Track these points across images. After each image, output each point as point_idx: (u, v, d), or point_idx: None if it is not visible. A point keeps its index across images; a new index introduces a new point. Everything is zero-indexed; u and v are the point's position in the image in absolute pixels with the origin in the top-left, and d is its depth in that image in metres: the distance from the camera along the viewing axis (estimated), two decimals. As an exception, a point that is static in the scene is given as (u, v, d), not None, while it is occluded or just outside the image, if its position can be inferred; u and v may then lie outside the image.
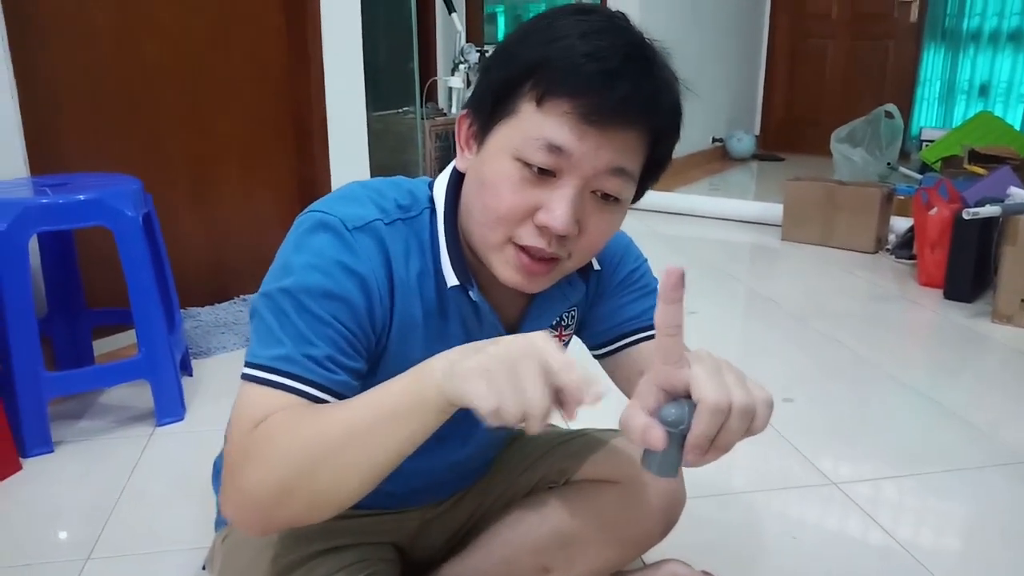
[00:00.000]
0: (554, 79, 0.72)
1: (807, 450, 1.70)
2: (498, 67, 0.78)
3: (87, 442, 1.74)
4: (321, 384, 0.75)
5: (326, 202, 0.83)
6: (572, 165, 0.74)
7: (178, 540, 1.38)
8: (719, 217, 4.00)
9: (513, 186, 0.76)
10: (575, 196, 0.75)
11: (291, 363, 0.74)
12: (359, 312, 0.79)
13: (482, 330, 0.90)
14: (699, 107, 5.47)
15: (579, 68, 0.72)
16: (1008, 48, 5.47)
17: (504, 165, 0.76)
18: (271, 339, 0.76)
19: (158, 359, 1.76)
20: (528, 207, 0.76)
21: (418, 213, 0.86)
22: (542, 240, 0.77)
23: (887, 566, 1.33)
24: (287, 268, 0.78)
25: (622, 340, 1.00)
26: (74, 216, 1.66)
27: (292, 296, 0.76)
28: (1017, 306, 2.46)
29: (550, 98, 0.73)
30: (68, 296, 1.98)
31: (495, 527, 1.09)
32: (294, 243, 0.80)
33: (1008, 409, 1.94)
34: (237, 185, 2.61)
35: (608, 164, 0.75)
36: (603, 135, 0.74)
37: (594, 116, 0.72)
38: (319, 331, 0.76)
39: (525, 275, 0.80)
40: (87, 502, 1.51)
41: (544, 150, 0.73)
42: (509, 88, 0.75)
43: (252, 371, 0.76)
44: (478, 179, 0.79)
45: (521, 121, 0.75)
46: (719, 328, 2.55)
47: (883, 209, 3.37)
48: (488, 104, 0.78)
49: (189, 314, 2.40)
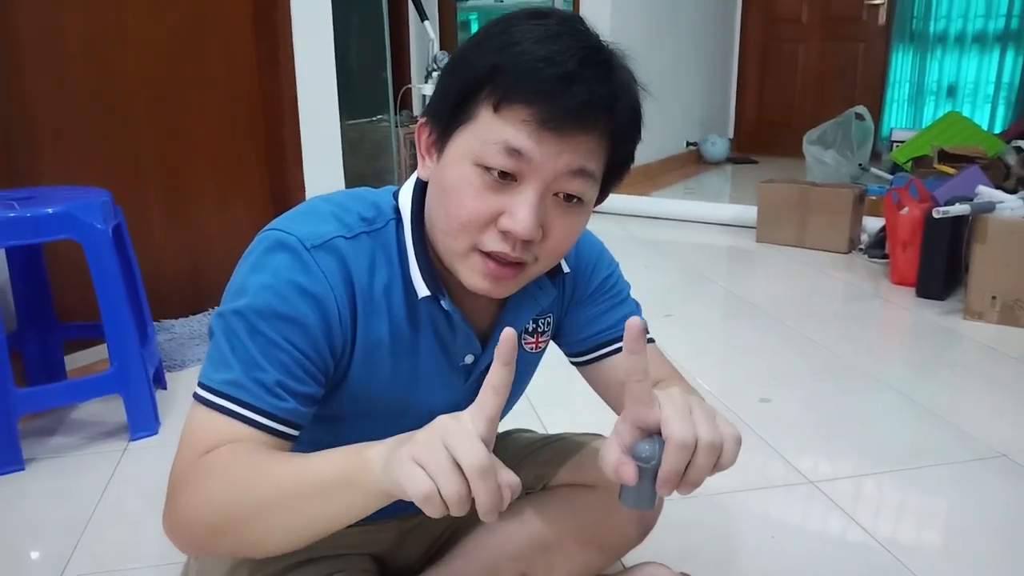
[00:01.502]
0: (510, 85, 0.72)
1: (785, 450, 1.71)
2: (455, 74, 0.77)
3: (59, 459, 1.71)
4: (268, 412, 0.75)
5: (286, 219, 0.82)
6: (532, 169, 0.74)
7: (153, 556, 1.36)
8: (694, 220, 4.03)
9: (475, 192, 0.75)
10: (537, 200, 0.75)
11: (239, 389, 0.74)
12: (314, 334, 0.77)
13: (455, 340, 0.89)
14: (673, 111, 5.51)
15: (535, 74, 0.71)
16: (974, 49, 5.56)
17: (465, 171, 0.75)
18: (221, 361, 0.76)
19: (130, 373, 1.73)
20: (490, 213, 0.75)
21: (383, 225, 0.84)
22: (506, 245, 0.76)
23: (867, 564, 1.34)
24: (243, 289, 0.77)
25: (599, 350, 1.01)
26: (42, 230, 1.64)
27: (244, 318, 0.76)
28: (988, 303, 2.49)
29: (507, 104, 0.72)
30: (38, 310, 1.95)
31: (474, 535, 1.08)
32: (251, 263, 0.79)
33: (983, 404, 1.97)
34: (211, 196, 2.58)
35: (568, 166, 0.75)
36: (562, 139, 0.73)
37: (551, 122, 0.72)
38: (270, 355, 0.75)
39: (491, 281, 0.79)
40: (60, 520, 1.48)
41: (503, 153, 0.73)
42: (466, 94, 0.75)
43: (202, 392, 0.76)
44: (439, 187, 0.78)
45: (479, 127, 0.74)
46: (697, 330, 2.56)
47: (855, 210, 3.40)
48: (446, 111, 0.77)
49: (163, 327, 2.37)
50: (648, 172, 5.11)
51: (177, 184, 2.47)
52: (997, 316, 2.48)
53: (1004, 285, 2.46)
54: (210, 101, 2.55)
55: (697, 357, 2.28)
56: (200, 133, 2.53)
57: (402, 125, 3.95)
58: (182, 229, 2.50)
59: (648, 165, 5.15)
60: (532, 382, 1.06)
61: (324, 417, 0.86)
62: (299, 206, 0.85)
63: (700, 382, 2.07)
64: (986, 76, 5.55)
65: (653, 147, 5.25)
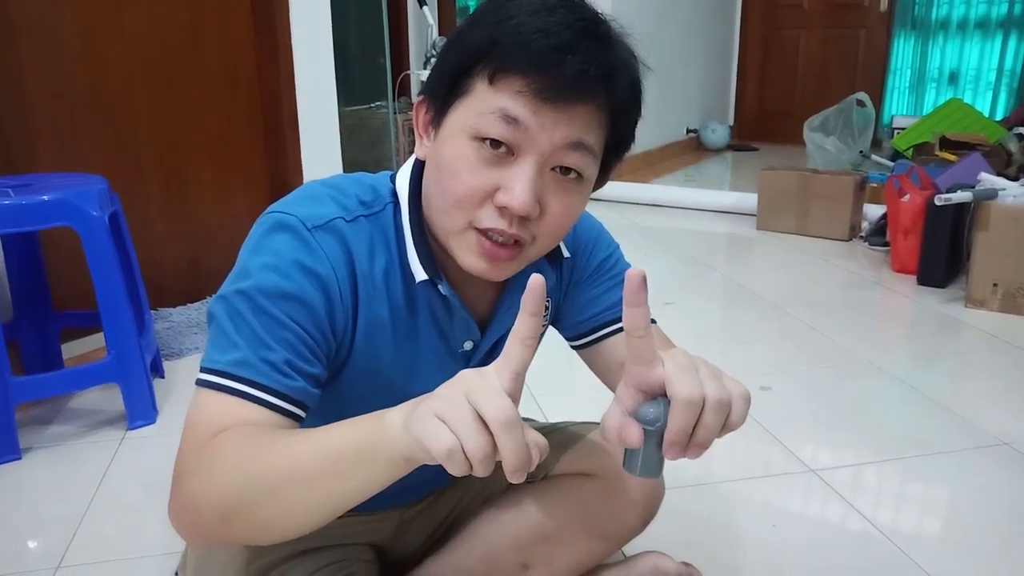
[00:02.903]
0: (506, 57, 0.71)
1: (786, 438, 1.70)
2: (451, 51, 0.77)
3: (57, 448, 1.70)
4: (278, 391, 0.73)
5: (286, 202, 0.81)
6: (529, 140, 0.73)
7: (151, 545, 1.35)
8: (695, 208, 4.01)
9: (471, 167, 0.74)
10: (534, 173, 0.73)
11: (248, 368, 0.72)
12: (318, 314, 0.76)
13: (453, 325, 0.88)
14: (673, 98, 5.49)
15: (530, 45, 0.70)
16: (976, 36, 5.53)
17: (461, 146, 0.74)
18: (227, 343, 0.73)
19: (128, 361, 1.72)
20: (487, 187, 0.74)
21: (381, 208, 0.83)
22: (503, 221, 0.75)
23: (868, 552, 1.34)
24: (245, 270, 0.76)
25: (599, 331, 0.99)
26: (38, 217, 1.62)
27: (249, 298, 0.74)
28: (989, 291, 2.48)
29: (502, 75, 0.72)
30: (35, 299, 1.94)
31: (474, 525, 1.08)
32: (253, 245, 0.78)
33: (984, 393, 1.96)
34: (209, 184, 2.57)
35: (565, 138, 0.73)
36: (558, 110, 0.72)
37: (547, 92, 0.71)
38: (276, 334, 0.73)
39: (488, 261, 0.77)
40: (57, 509, 1.48)
41: (500, 121, 0.72)
42: (463, 70, 0.74)
43: (208, 376, 0.73)
44: (436, 163, 0.77)
45: (475, 99, 0.73)
46: (697, 318, 2.55)
47: (856, 197, 3.39)
48: (443, 87, 0.76)
49: (160, 315, 2.36)
50: (648, 159, 5.10)
51: (175, 172, 2.46)
52: (999, 304, 2.48)
53: (1006, 273, 2.45)
54: (208, 89, 2.53)
55: (697, 345, 2.27)
56: (198, 121, 2.51)
57: (400, 112, 3.93)
58: (180, 217, 2.48)
59: (648, 152, 5.13)
60: (532, 371, 1.05)
61: (326, 402, 0.85)
62: (297, 190, 0.84)
63: (700, 370, 2.07)
64: (988, 63, 5.53)
65: (653, 134, 5.23)
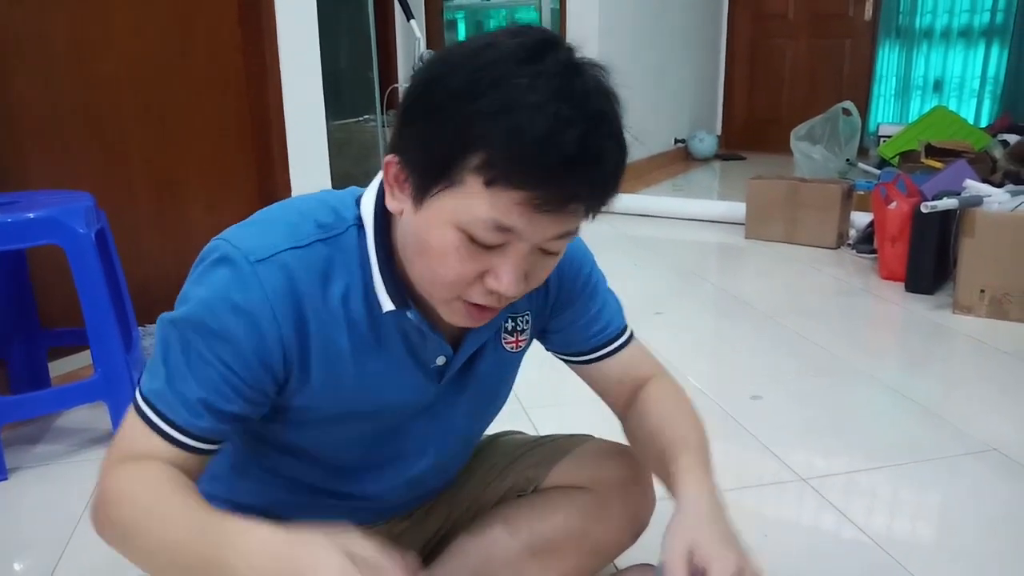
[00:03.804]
0: (506, 167, 0.67)
1: (776, 447, 1.70)
2: (438, 123, 0.70)
3: (45, 467, 1.69)
4: (183, 428, 0.77)
5: (238, 229, 0.80)
6: (521, 239, 0.72)
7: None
8: (683, 217, 4.02)
9: (460, 256, 0.73)
10: (522, 263, 0.74)
11: (161, 400, 0.77)
12: (244, 353, 0.76)
13: (426, 346, 0.87)
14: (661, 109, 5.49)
15: (534, 160, 0.66)
16: (959, 44, 5.58)
17: (449, 236, 0.72)
18: (155, 369, 0.78)
19: (115, 379, 1.71)
20: (476, 273, 0.74)
21: (343, 231, 0.81)
22: (491, 298, 0.77)
23: (859, 560, 1.33)
24: (184, 299, 0.78)
25: (596, 352, 1.02)
26: (24, 235, 1.61)
27: (179, 330, 0.77)
28: (977, 297, 2.50)
29: (501, 186, 0.68)
30: (22, 317, 1.93)
31: (465, 540, 1.07)
32: (196, 275, 0.79)
33: (974, 398, 1.97)
34: (197, 200, 2.56)
35: (556, 234, 0.74)
36: (554, 217, 0.71)
37: (547, 207, 0.69)
38: (198, 370, 0.76)
39: (472, 321, 0.80)
40: (45, 530, 1.46)
41: (494, 231, 0.71)
42: (453, 156, 0.69)
43: (136, 396, 0.79)
44: (420, 243, 0.75)
45: (468, 197, 0.70)
46: (687, 328, 2.55)
47: (844, 205, 3.41)
48: (427, 167, 0.72)
49: (148, 332, 2.34)
50: (637, 170, 5.11)
51: (164, 187, 2.45)
52: (986, 310, 2.49)
53: (992, 279, 2.47)
54: (196, 103, 2.52)
55: (688, 355, 2.28)
56: (186, 136, 2.50)
57: (389, 125, 3.93)
58: (169, 233, 2.47)
59: (637, 163, 5.15)
60: (522, 383, 1.05)
61: (296, 423, 0.86)
62: (257, 213, 0.83)
63: (691, 380, 2.07)
64: (972, 71, 5.57)
65: (641, 145, 5.24)
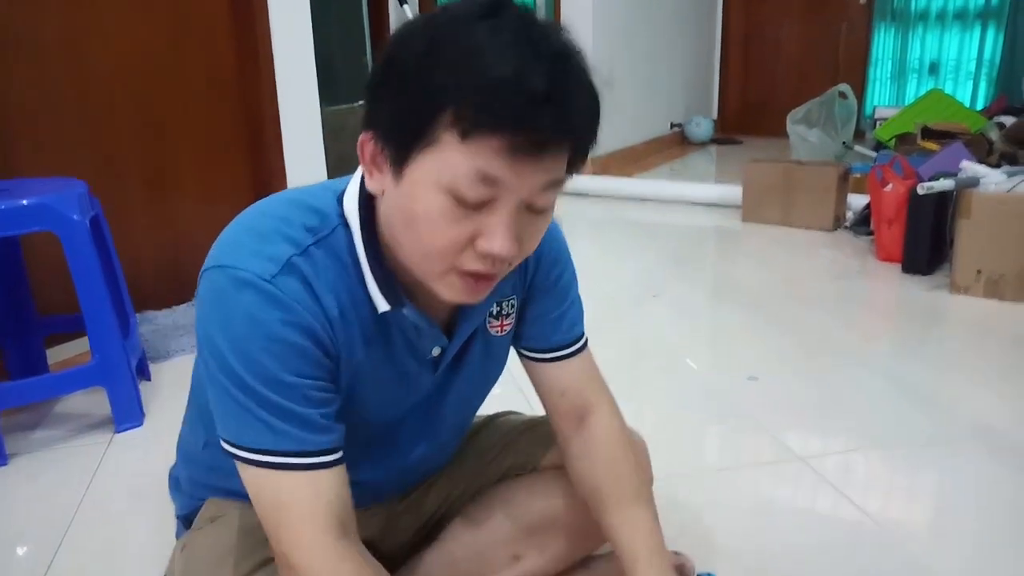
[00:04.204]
0: (478, 112, 0.67)
1: (773, 427, 1.71)
2: (404, 89, 0.71)
3: (43, 453, 1.69)
4: (315, 451, 0.78)
5: (230, 249, 0.78)
6: (506, 191, 0.71)
7: (139, 550, 1.34)
8: (680, 201, 4.02)
9: (448, 221, 0.72)
10: (513, 221, 0.73)
11: (284, 442, 0.76)
12: (315, 357, 0.78)
13: (421, 339, 0.88)
14: (657, 93, 5.47)
15: (504, 101, 0.67)
16: (955, 27, 5.57)
17: (434, 199, 0.71)
18: (254, 420, 0.76)
19: (113, 364, 1.71)
20: (467, 237, 0.73)
21: (330, 231, 0.80)
22: (486, 264, 0.75)
23: (856, 538, 1.34)
24: (231, 341, 0.75)
25: (554, 352, 1.01)
26: (18, 222, 1.61)
27: (254, 374, 0.75)
28: (973, 277, 2.50)
29: (477, 134, 0.68)
30: (18, 304, 1.92)
31: (464, 519, 1.08)
32: (220, 314, 0.76)
33: (970, 379, 1.98)
34: (192, 186, 2.55)
35: (541, 183, 0.73)
36: (536, 161, 0.70)
37: (524, 148, 0.69)
38: (294, 398, 0.76)
39: (471, 293, 0.78)
40: (44, 515, 1.47)
41: (479, 183, 0.70)
42: (425, 116, 0.69)
43: (249, 455, 0.77)
44: (406, 214, 0.75)
45: (446, 154, 0.69)
46: (684, 310, 2.55)
47: (840, 188, 3.40)
48: (402, 133, 0.72)
49: (145, 318, 2.34)
50: (633, 154, 5.10)
51: (157, 174, 2.44)
52: (982, 290, 2.49)
53: (989, 259, 2.47)
54: (189, 91, 2.51)
55: (684, 336, 2.28)
56: (179, 122, 2.49)
57: (384, 111, 3.91)
58: (163, 219, 2.47)
59: (633, 147, 5.14)
60: (518, 363, 1.05)
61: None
62: (233, 226, 0.81)
63: (688, 361, 2.07)
64: (968, 53, 5.57)
65: (638, 129, 5.24)
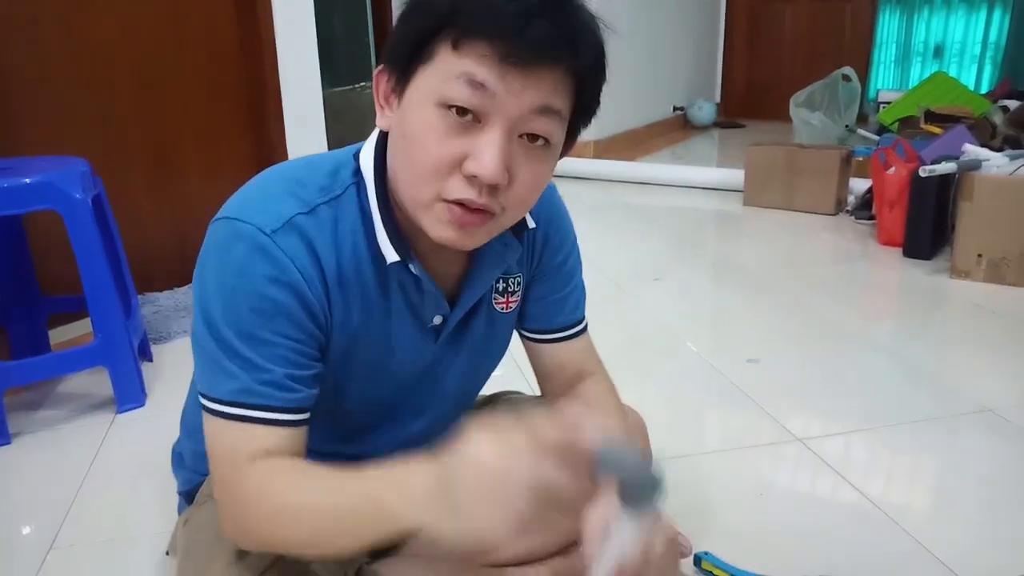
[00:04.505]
0: (470, 22, 0.70)
1: (773, 409, 1.72)
2: (411, 16, 0.75)
3: (46, 432, 1.70)
4: (284, 407, 0.77)
5: (240, 203, 0.79)
6: (496, 107, 0.72)
7: (142, 526, 1.35)
8: (682, 185, 4.01)
9: (438, 136, 0.73)
10: (502, 140, 0.72)
11: (251, 395, 0.75)
12: (300, 319, 0.77)
13: (423, 301, 0.87)
14: (660, 76, 5.45)
15: (494, 9, 0.69)
16: (961, 9, 5.53)
17: (426, 114, 0.73)
18: (222, 371, 0.76)
19: (115, 345, 1.72)
20: (455, 156, 0.73)
21: (342, 191, 0.82)
22: (472, 191, 0.73)
23: (855, 518, 1.35)
24: (219, 293, 0.76)
25: (555, 334, 1.02)
26: (20, 200, 1.61)
27: (230, 324, 0.75)
28: (974, 261, 2.50)
29: (467, 40, 0.70)
30: (21, 284, 1.93)
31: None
32: (215, 262, 0.77)
33: (970, 361, 1.98)
34: (194, 166, 2.55)
35: (533, 103, 0.72)
36: (525, 75, 0.71)
37: (513, 57, 0.70)
38: (267, 353, 0.76)
39: (458, 229, 0.76)
40: (48, 493, 1.48)
41: (466, 86, 0.71)
42: (424, 36, 0.73)
43: (214, 405, 0.77)
44: (401, 133, 0.76)
45: (439, 64, 0.72)
46: (685, 293, 2.56)
47: (843, 171, 3.40)
48: (404, 53, 0.74)
49: (148, 299, 2.35)
50: (635, 137, 5.09)
51: (160, 154, 2.44)
52: (983, 274, 2.49)
53: (990, 243, 2.47)
54: (191, 69, 2.51)
55: (686, 320, 2.28)
56: (182, 101, 2.49)
57: (386, 92, 3.90)
58: (167, 200, 2.47)
59: (635, 130, 5.13)
60: (518, 344, 1.06)
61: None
62: (250, 183, 0.82)
63: (689, 344, 2.08)
64: (972, 36, 5.53)
65: (640, 112, 5.22)
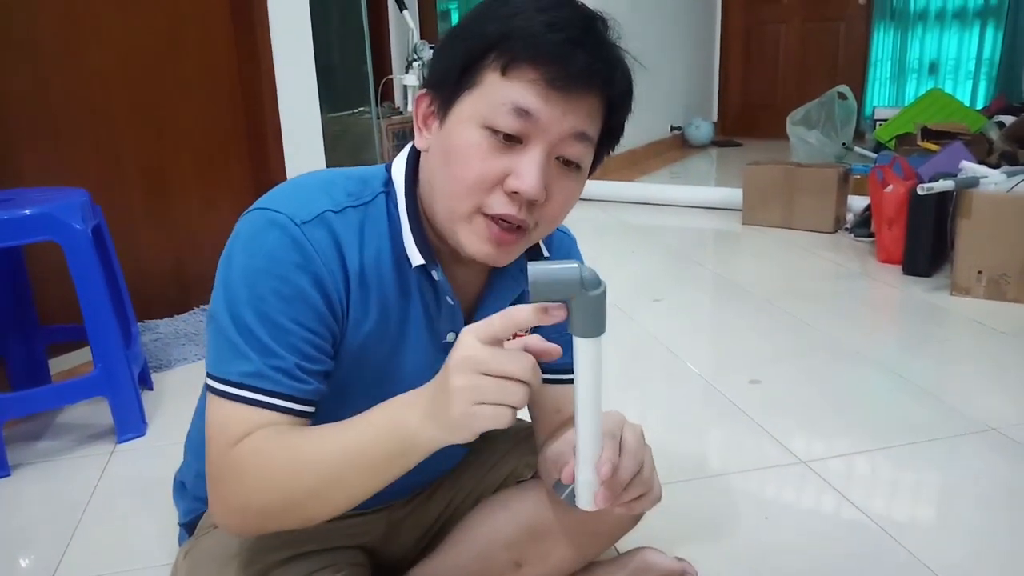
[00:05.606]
0: (518, 49, 0.75)
1: (776, 430, 1.71)
2: (457, 42, 0.79)
3: (46, 463, 1.69)
4: (291, 396, 0.77)
5: (274, 197, 0.82)
6: (539, 130, 0.76)
7: (143, 558, 1.34)
8: (681, 204, 4.02)
9: (482, 154, 0.77)
10: (543, 160, 0.77)
11: (261, 379, 0.76)
12: (320, 310, 0.79)
13: (440, 313, 0.89)
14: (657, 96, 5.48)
15: (542, 38, 0.74)
16: (954, 26, 5.57)
17: (471, 134, 0.77)
18: (235, 353, 0.77)
19: (115, 374, 1.71)
20: (497, 174, 0.77)
21: (371, 198, 0.85)
22: (513, 207, 0.78)
23: (860, 541, 1.34)
24: (244, 275, 0.78)
25: (553, 375, 0.96)
26: (21, 232, 1.61)
27: (251, 306, 0.76)
28: (974, 278, 2.50)
29: (515, 66, 0.75)
30: (20, 314, 1.93)
31: (466, 524, 1.08)
32: (244, 247, 0.79)
33: (972, 379, 1.97)
34: (193, 194, 2.56)
35: (572, 128, 0.77)
36: (567, 100, 0.76)
37: (559, 82, 0.75)
38: (283, 340, 0.77)
39: (494, 246, 0.80)
40: (48, 525, 1.47)
41: (512, 114, 0.75)
42: (471, 62, 0.77)
43: (221, 386, 0.77)
44: (443, 151, 0.80)
45: (486, 90, 0.76)
46: (685, 313, 2.56)
47: (840, 189, 3.40)
48: (450, 79, 0.78)
49: (147, 327, 2.35)
50: (633, 157, 5.11)
51: (159, 182, 2.45)
52: (984, 291, 2.49)
53: (990, 260, 2.47)
54: (190, 98, 2.52)
55: (686, 340, 2.28)
56: (180, 129, 2.50)
57: (384, 116, 3.92)
58: (166, 228, 2.47)
59: (633, 150, 5.14)
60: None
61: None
62: (283, 184, 0.86)
63: (689, 365, 2.07)
64: (967, 52, 5.56)
65: (638, 132, 5.24)
